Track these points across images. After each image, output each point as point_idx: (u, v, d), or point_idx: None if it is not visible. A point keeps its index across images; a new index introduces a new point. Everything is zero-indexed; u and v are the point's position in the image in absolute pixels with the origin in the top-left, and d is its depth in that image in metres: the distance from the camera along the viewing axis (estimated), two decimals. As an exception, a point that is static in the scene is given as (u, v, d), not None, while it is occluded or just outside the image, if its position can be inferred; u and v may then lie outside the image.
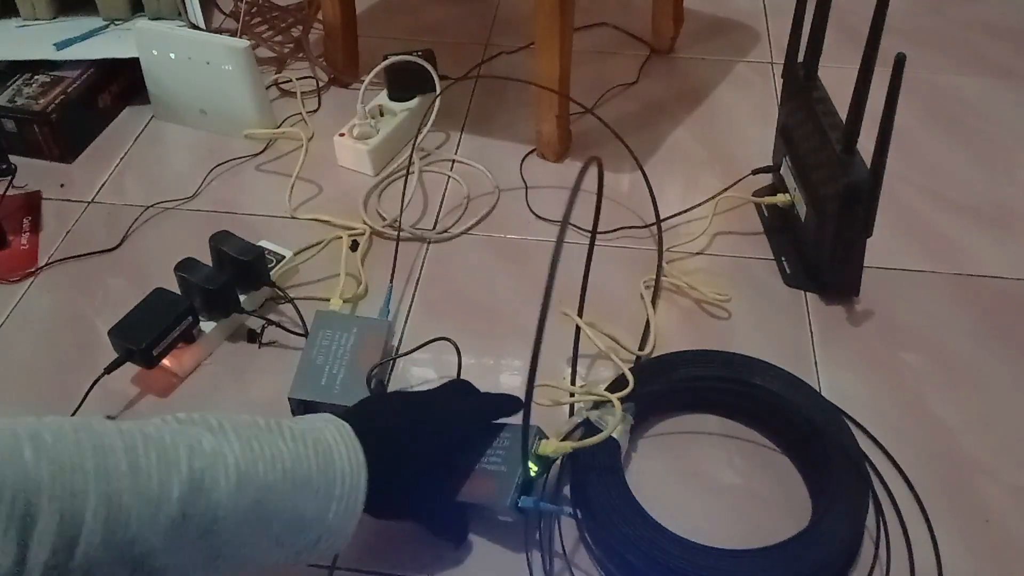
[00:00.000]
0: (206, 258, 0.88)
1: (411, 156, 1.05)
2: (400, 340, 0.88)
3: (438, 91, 1.08)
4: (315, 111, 1.18)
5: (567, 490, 0.75)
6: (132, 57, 1.14)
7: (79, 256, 0.98)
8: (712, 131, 1.14)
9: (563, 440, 0.76)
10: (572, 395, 0.79)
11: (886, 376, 0.84)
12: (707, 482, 0.76)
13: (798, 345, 0.87)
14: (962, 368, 0.85)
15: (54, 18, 1.24)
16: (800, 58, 0.94)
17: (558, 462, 0.75)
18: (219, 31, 1.29)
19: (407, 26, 1.35)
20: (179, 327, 0.82)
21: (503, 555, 0.71)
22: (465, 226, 1.01)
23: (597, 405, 0.75)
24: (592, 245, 0.76)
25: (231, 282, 0.86)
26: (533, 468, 0.69)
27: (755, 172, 1.02)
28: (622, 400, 0.74)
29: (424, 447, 0.65)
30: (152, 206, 1.04)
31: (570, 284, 0.81)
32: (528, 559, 0.70)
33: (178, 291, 0.86)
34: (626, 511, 0.69)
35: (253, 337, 0.89)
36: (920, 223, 1.00)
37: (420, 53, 1.09)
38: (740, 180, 1.02)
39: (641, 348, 0.86)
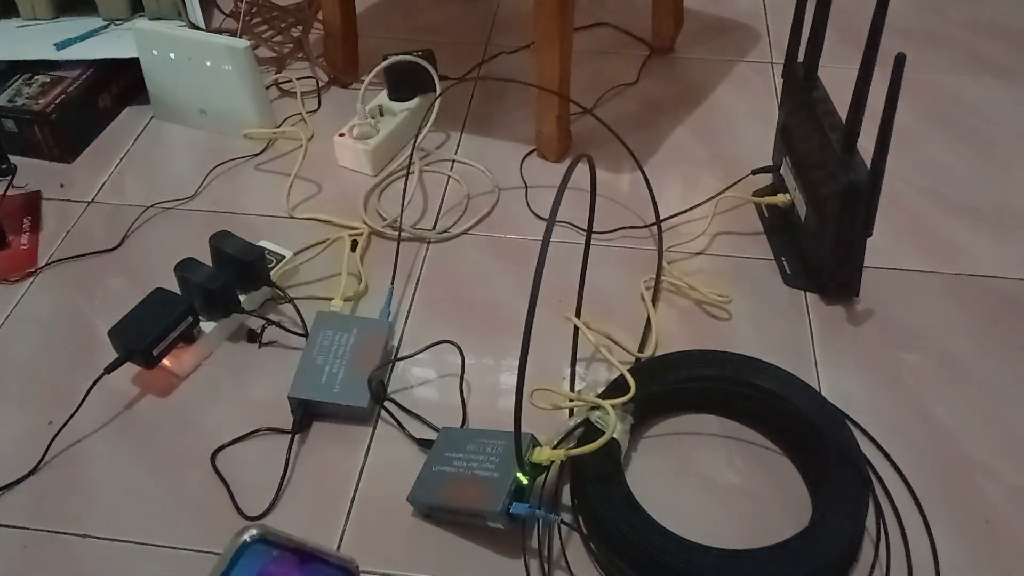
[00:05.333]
0: (206, 258, 0.88)
1: (411, 156, 1.05)
2: (400, 340, 0.88)
3: (438, 91, 1.08)
4: (315, 111, 1.18)
5: (567, 490, 0.75)
6: (132, 57, 1.14)
7: (79, 256, 0.98)
8: (712, 131, 1.14)
9: (559, 443, 0.76)
10: (571, 400, 0.79)
11: (886, 376, 0.84)
12: (707, 482, 0.76)
13: (798, 345, 0.87)
14: (962, 368, 0.85)
15: (54, 18, 1.24)
16: (800, 58, 0.94)
17: (557, 464, 0.75)
18: (219, 31, 1.29)
19: (407, 26, 1.35)
20: (179, 327, 0.82)
21: (500, 561, 0.71)
22: (465, 226, 1.01)
23: (599, 405, 0.75)
24: (588, 243, 0.76)
25: (231, 282, 0.86)
26: (523, 477, 0.69)
27: (755, 172, 1.02)
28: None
29: None
30: (152, 206, 1.04)
31: (570, 284, 0.81)
32: (526, 564, 0.70)
33: (178, 291, 0.86)
34: (626, 511, 0.69)
35: (253, 337, 0.89)
36: (920, 223, 1.00)
37: (420, 53, 1.09)
38: (740, 180, 1.02)
39: (641, 349, 0.86)
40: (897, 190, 1.04)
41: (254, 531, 0.37)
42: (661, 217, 0.99)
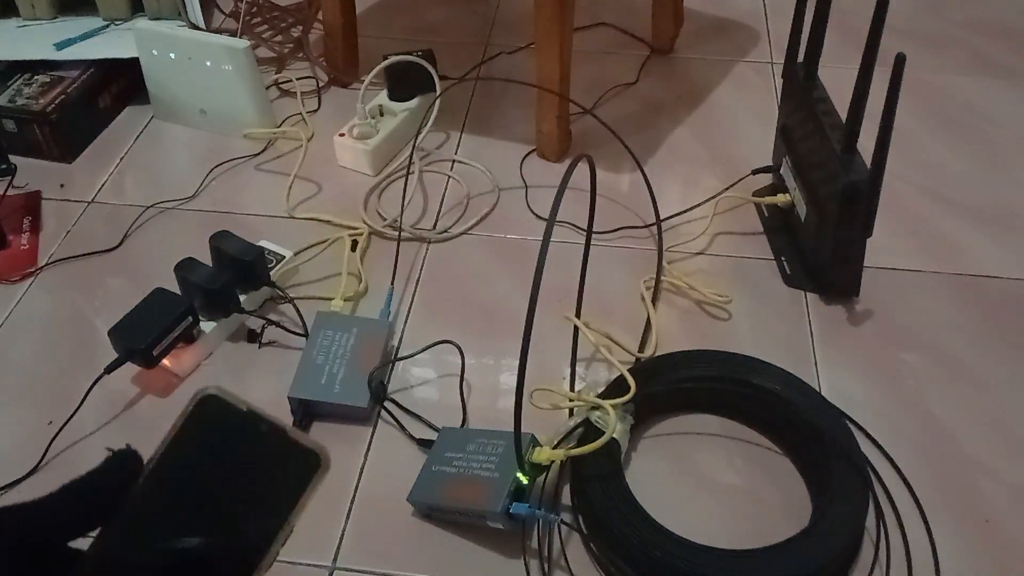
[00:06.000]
0: (206, 258, 0.88)
1: (411, 156, 1.05)
2: (400, 340, 0.88)
3: (438, 91, 1.08)
4: (315, 111, 1.18)
5: (567, 490, 0.75)
6: (132, 57, 1.14)
7: (79, 256, 0.98)
8: (712, 131, 1.14)
9: (559, 443, 0.76)
10: (571, 400, 0.79)
11: (886, 376, 0.84)
12: (707, 482, 0.76)
13: (798, 345, 0.87)
14: (962, 368, 0.85)
15: (54, 18, 1.24)
16: (800, 58, 0.94)
17: (557, 464, 0.75)
18: (219, 31, 1.29)
19: (407, 26, 1.35)
20: (179, 327, 0.82)
21: (500, 561, 0.71)
22: (465, 226, 1.01)
23: (599, 405, 0.75)
24: (588, 243, 0.76)
25: (231, 282, 0.86)
26: (524, 477, 0.69)
27: (755, 172, 1.02)
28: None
29: None
30: (152, 206, 1.04)
31: (571, 284, 0.81)
32: (526, 564, 0.70)
33: (178, 291, 0.86)
34: (626, 511, 0.69)
35: (253, 337, 0.89)
36: (920, 223, 1.00)
37: (420, 53, 1.09)
38: (740, 180, 1.02)
39: (641, 349, 0.86)
40: (897, 190, 1.04)
41: (211, 389, 0.36)
42: (661, 217, 0.99)
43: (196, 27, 1.21)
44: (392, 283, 0.93)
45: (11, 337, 0.90)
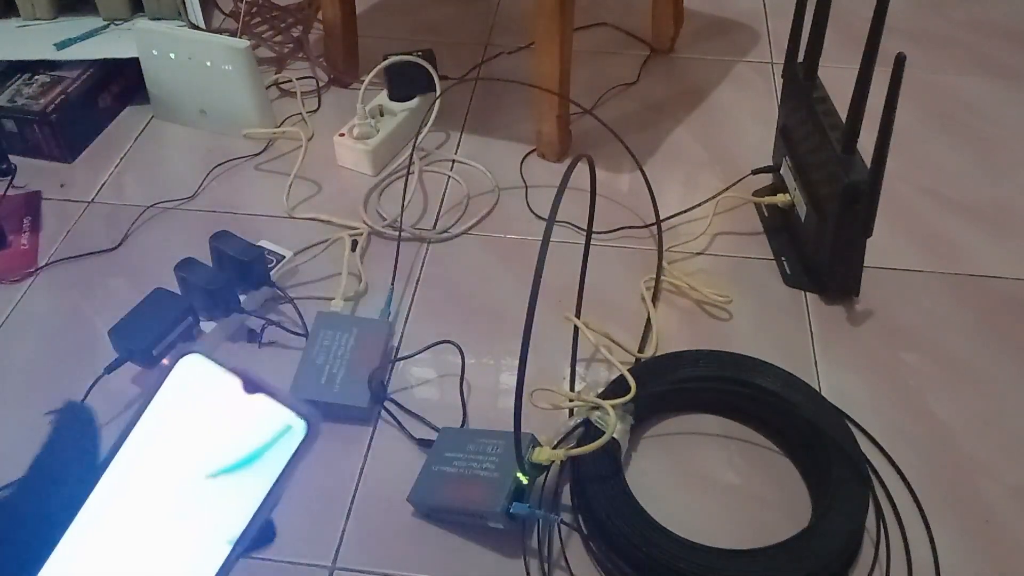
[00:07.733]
0: (206, 258, 0.88)
1: (411, 156, 1.05)
2: (400, 340, 0.88)
3: (438, 91, 1.08)
4: (315, 111, 1.18)
5: (567, 490, 0.75)
6: (132, 57, 1.14)
7: (79, 256, 0.98)
8: (712, 131, 1.14)
9: (559, 443, 0.76)
10: (571, 400, 0.79)
11: (886, 376, 0.84)
12: (707, 482, 0.76)
13: (798, 345, 0.87)
14: (962, 368, 0.85)
15: (54, 18, 1.24)
16: (800, 58, 0.94)
17: (557, 464, 0.75)
18: (219, 31, 1.29)
19: (407, 26, 1.35)
20: (179, 327, 0.82)
21: (500, 561, 0.71)
22: (465, 226, 1.01)
23: (599, 405, 0.75)
24: (588, 243, 0.76)
25: (231, 282, 0.86)
26: (523, 477, 0.69)
27: (755, 172, 1.02)
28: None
29: None
30: (152, 206, 1.04)
31: (571, 284, 0.81)
32: (526, 564, 0.70)
33: (178, 291, 0.86)
34: (626, 511, 0.69)
35: (253, 337, 0.89)
36: (920, 223, 1.00)
37: (420, 53, 1.09)
38: (740, 180, 1.02)
39: (641, 349, 0.86)
40: (897, 190, 1.04)
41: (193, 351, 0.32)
42: (661, 217, 0.99)
43: (196, 27, 1.21)
44: (392, 283, 0.93)
45: (11, 337, 0.90)
